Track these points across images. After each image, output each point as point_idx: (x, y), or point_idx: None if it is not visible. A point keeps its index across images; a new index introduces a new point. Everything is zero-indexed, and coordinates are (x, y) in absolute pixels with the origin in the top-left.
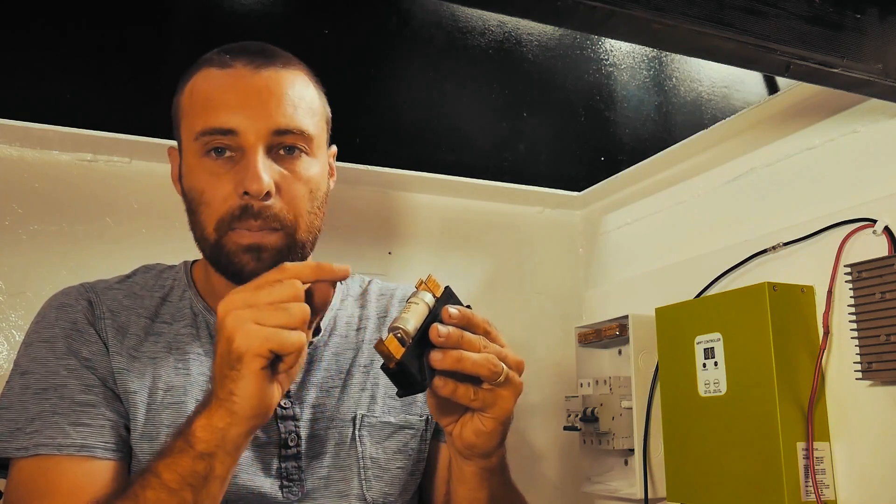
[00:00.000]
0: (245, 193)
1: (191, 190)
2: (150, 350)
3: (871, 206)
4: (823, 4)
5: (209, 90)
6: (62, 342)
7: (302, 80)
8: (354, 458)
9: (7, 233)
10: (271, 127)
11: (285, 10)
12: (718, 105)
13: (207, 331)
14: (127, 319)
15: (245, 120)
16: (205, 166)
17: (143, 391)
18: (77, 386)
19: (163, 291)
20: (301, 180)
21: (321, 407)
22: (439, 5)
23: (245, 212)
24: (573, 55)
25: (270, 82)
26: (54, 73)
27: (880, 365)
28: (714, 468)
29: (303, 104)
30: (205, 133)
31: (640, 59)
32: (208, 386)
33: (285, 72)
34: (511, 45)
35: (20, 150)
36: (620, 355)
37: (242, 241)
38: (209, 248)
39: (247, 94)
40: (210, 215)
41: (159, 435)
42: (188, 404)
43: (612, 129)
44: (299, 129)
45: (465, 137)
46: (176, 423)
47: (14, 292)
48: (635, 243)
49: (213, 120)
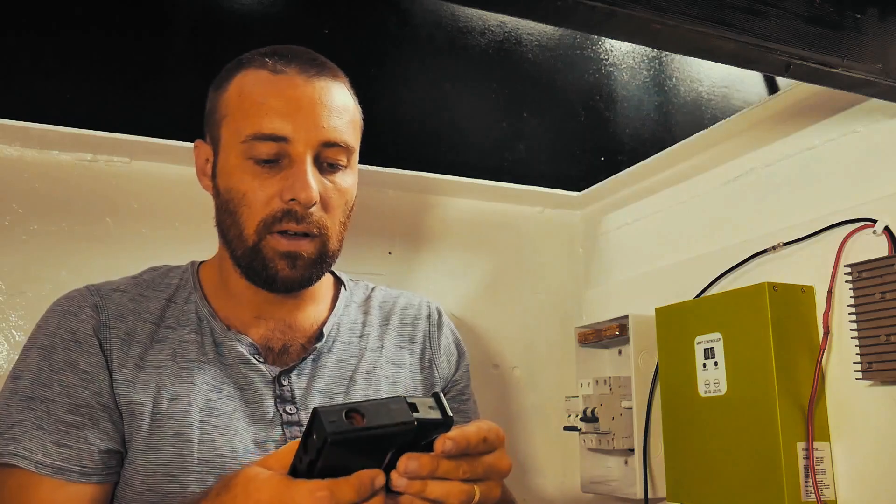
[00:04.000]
0: (292, 200)
1: (230, 190)
2: (156, 359)
3: (871, 206)
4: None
5: (261, 94)
6: (61, 353)
7: (346, 93)
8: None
9: (7, 233)
10: (321, 138)
11: (285, 10)
12: (718, 105)
13: (212, 337)
14: (133, 325)
15: (296, 129)
16: (249, 169)
17: (147, 402)
18: (66, 404)
19: (168, 292)
20: (340, 192)
21: None
22: (439, 5)
23: (288, 215)
24: (573, 55)
25: (322, 93)
26: (54, 73)
27: (880, 365)
28: (714, 468)
29: (347, 117)
30: (255, 137)
31: (640, 59)
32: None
33: (334, 83)
34: (511, 45)
35: (20, 150)
36: (620, 355)
37: (280, 248)
38: (245, 250)
39: (299, 103)
40: (251, 217)
41: (164, 445)
42: (192, 413)
43: (612, 129)
44: (345, 142)
45: (465, 137)
46: (180, 433)
47: (14, 292)
48: (635, 243)
49: (266, 125)
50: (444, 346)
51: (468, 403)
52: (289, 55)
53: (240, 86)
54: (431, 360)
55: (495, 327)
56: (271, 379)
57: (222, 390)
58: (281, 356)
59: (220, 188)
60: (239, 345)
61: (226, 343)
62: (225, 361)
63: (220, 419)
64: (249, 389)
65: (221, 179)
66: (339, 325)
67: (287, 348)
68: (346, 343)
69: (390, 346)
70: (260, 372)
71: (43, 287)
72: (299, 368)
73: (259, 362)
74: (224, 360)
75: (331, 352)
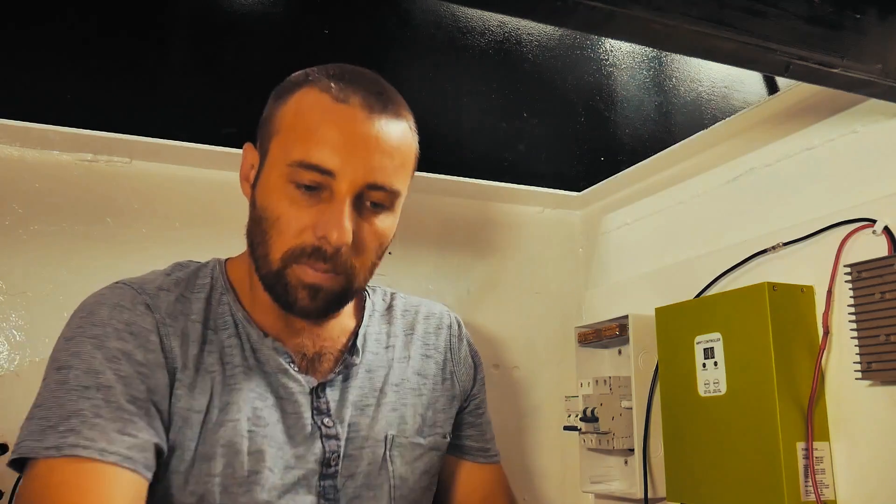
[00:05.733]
0: (323, 237)
1: (265, 209)
2: (209, 361)
3: (871, 206)
4: (823, 4)
5: (317, 120)
6: (115, 342)
7: (406, 133)
8: (386, 478)
9: (7, 233)
10: (368, 180)
11: (285, 10)
12: (718, 105)
13: (249, 343)
14: (185, 325)
15: (344, 165)
16: (289, 193)
17: (202, 409)
18: (124, 392)
19: (205, 292)
20: (375, 234)
21: (356, 426)
22: (439, 5)
23: (316, 252)
24: (573, 55)
25: (381, 133)
26: (54, 73)
27: (880, 365)
28: (714, 468)
29: (401, 159)
30: (302, 165)
31: (640, 59)
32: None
33: (395, 122)
34: (511, 45)
35: (20, 150)
36: (620, 355)
37: (305, 279)
38: (268, 273)
39: (355, 140)
40: (281, 243)
41: (215, 455)
42: (241, 423)
43: (612, 129)
44: (392, 188)
45: (465, 137)
46: (232, 443)
47: (14, 292)
48: (635, 243)
49: (315, 156)
50: (463, 357)
51: (483, 417)
52: (355, 83)
53: (298, 104)
54: (453, 373)
55: (495, 327)
56: (309, 391)
57: (267, 399)
58: (313, 364)
59: (257, 201)
60: (276, 353)
61: (263, 350)
62: (264, 369)
63: (267, 429)
64: (288, 400)
65: (260, 194)
66: (367, 336)
67: (319, 357)
68: (374, 353)
69: (416, 357)
70: (298, 383)
71: (43, 287)
72: (333, 380)
73: (296, 372)
74: (263, 368)
75: (361, 363)
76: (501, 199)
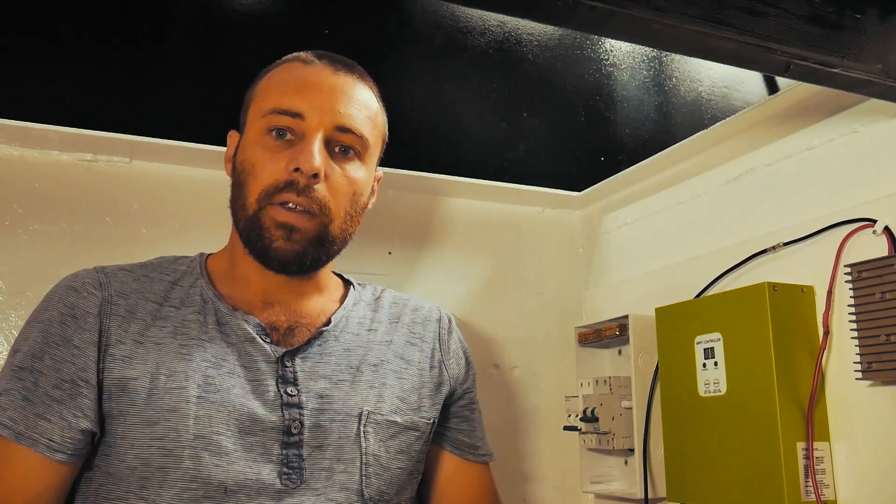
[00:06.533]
0: (296, 170)
1: (242, 162)
2: (156, 335)
3: (871, 206)
4: (823, 4)
5: (288, 78)
6: (57, 328)
7: (371, 95)
8: (357, 454)
9: (7, 233)
10: (335, 121)
11: (285, 10)
12: (718, 105)
13: (215, 317)
14: (135, 303)
15: (312, 108)
16: (263, 142)
17: (144, 377)
18: (54, 378)
19: (174, 276)
20: (348, 179)
21: (328, 398)
22: (439, 5)
23: (289, 185)
24: (573, 55)
25: (345, 85)
26: (54, 73)
27: (880, 365)
28: (714, 468)
29: (366, 112)
30: (273, 111)
31: (640, 59)
32: (209, 371)
33: (359, 82)
34: (511, 45)
35: (20, 150)
36: (620, 355)
37: (278, 218)
38: (245, 221)
39: (320, 88)
40: (255, 186)
41: (159, 420)
42: (189, 389)
43: (612, 129)
44: (359, 131)
45: (465, 137)
46: (176, 408)
47: (14, 292)
48: (635, 243)
49: (285, 102)
50: (453, 349)
51: (475, 413)
52: (324, 55)
53: (272, 74)
54: (441, 362)
55: (495, 327)
56: (275, 359)
57: (222, 367)
58: (286, 337)
59: (235, 164)
60: (245, 324)
61: (231, 322)
62: (228, 340)
63: (219, 395)
64: (251, 368)
65: (239, 155)
66: (348, 318)
67: (293, 329)
68: (354, 334)
69: (400, 342)
70: (264, 351)
71: (43, 287)
72: (305, 352)
73: (264, 342)
74: (227, 339)
75: (338, 340)
76: (501, 199)
